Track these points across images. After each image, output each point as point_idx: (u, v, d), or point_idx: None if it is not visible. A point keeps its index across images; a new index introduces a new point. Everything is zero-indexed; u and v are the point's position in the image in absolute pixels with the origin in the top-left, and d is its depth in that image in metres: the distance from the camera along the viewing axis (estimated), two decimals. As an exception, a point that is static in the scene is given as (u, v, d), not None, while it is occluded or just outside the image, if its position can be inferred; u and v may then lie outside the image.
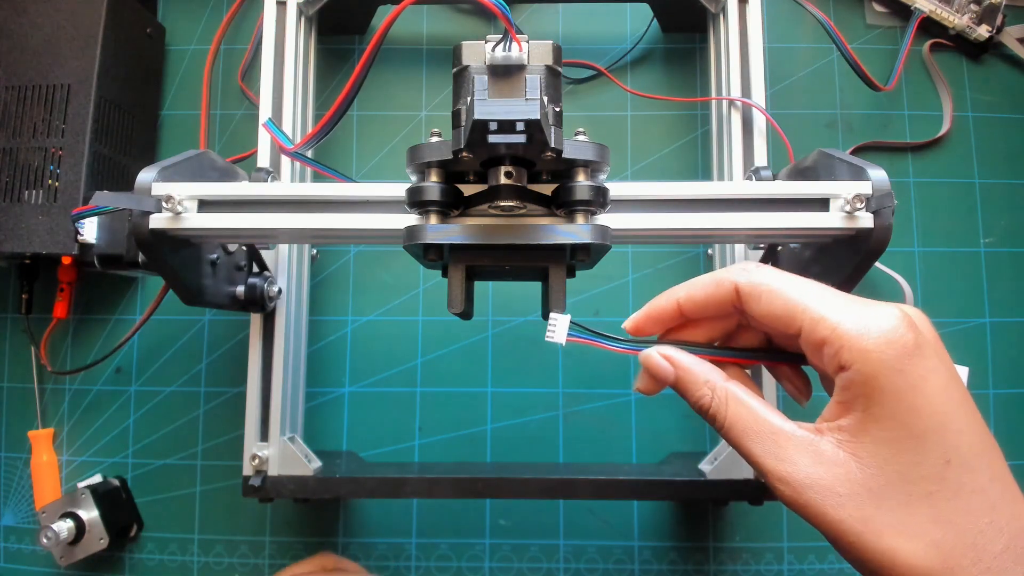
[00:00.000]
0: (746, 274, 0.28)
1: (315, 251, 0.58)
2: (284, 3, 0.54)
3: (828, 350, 0.25)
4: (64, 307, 0.58)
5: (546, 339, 0.31)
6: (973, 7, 0.59)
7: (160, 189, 0.37)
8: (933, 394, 0.25)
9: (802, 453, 0.26)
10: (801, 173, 0.44)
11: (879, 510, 0.24)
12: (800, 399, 0.31)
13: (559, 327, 0.30)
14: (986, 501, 0.24)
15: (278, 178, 0.51)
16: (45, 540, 0.52)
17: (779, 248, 0.47)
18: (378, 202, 0.38)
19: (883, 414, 0.25)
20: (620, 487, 0.49)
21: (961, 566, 0.23)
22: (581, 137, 0.32)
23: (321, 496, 0.49)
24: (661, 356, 0.29)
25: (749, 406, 0.27)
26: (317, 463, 0.51)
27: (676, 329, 0.31)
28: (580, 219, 0.33)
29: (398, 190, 0.37)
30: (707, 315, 0.30)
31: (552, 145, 0.29)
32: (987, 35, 0.60)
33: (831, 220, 0.37)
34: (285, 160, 0.52)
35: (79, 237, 0.51)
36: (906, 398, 0.24)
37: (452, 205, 0.33)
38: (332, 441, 0.58)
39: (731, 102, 0.52)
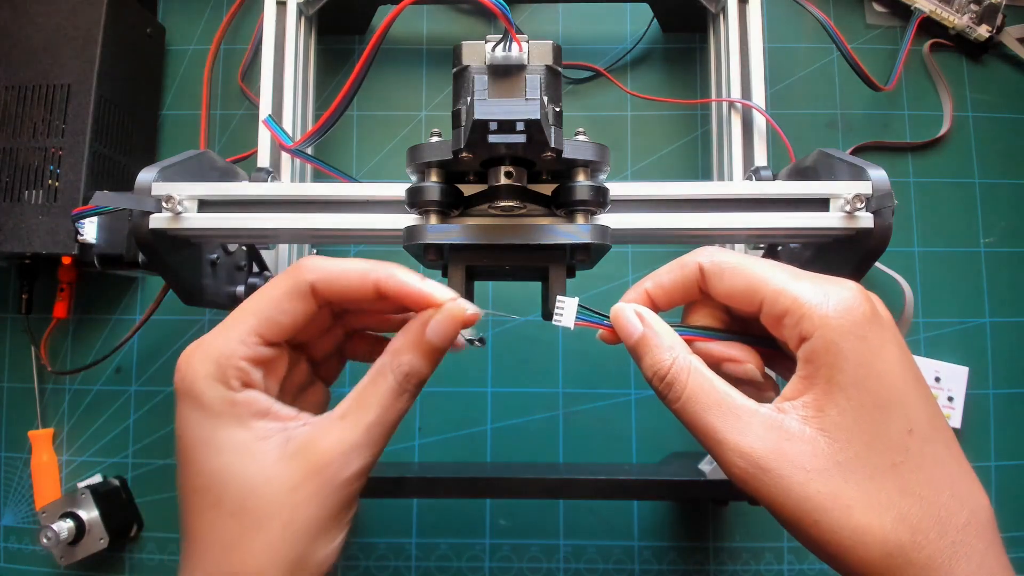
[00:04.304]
0: (709, 255, 0.28)
1: (315, 251, 0.58)
2: (284, 3, 0.54)
3: (789, 320, 0.25)
4: (64, 307, 0.58)
5: (553, 322, 0.30)
6: (973, 7, 0.59)
7: (160, 189, 0.37)
8: (892, 362, 0.25)
9: (767, 429, 0.25)
10: (801, 173, 0.44)
11: (847, 484, 0.24)
12: None
13: (567, 311, 0.30)
14: (947, 474, 0.24)
15: (278, 178, 0.51)
16: (45, 540, 0.52)
17: (779, 248, 0.47)
18: (378, 202, 0.38)
19: (847, 381, 0.24)
20: (620, 487, 0.49)
21: (929, 540, 0.23)
22: (581, 137, 0.32)
23: (321, 496, 0.49)
24: (634, 312, 0.29)
25: (711, 380, 0.27)
26: (317, 463, 0.51)
27: None
28: (580, 219, 0.33)
29: (398, 190, 0.37)
30: (675, 300, 0.30)
31: (552, 145, 0.29)
32: (987, 35, 0.60)
33: (831, 220, 0.37)
34: (285, 160, 0.52)
35: (79, 237, 0.51)
36: (869, 364, 0.24)
37: (452, 205, 0.33)
38: (332, 441, 0.58)
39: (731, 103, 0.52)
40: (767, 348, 0.30)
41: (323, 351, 0.32)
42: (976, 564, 0.23)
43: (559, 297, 0.30)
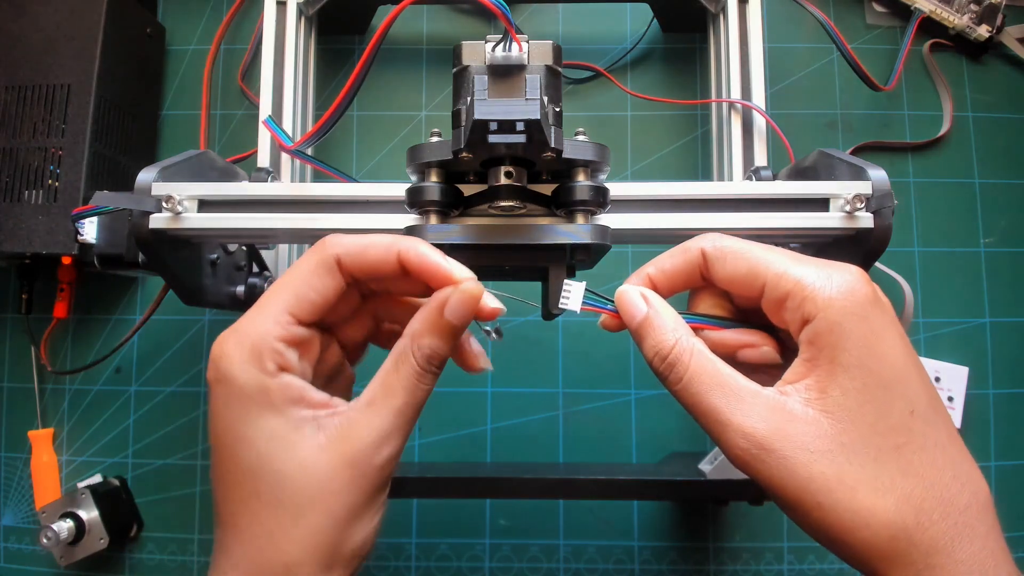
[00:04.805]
0: (711, 240, 0.29)
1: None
2: (284, 3, 0.54)
3: (791, 303, 0.26)
4: (64, 307, 0.58)
5: (560, 306, 0.30)
6: (973, 7, 0.59)
7: (160, 189, 0.37)
8: (894, 344, 0.25)
9: (770, 411, 0.25)
10: (801, 173, 0.44)
11: (851, 465, 0.24)
12: None
13: (573, 295, 0.30)
14: (948, 456, 0.24)
15: (278, 178, 0.51)
16: (45, 540, 0.52)
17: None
18: (378, 202, 0.38)
19: (850, 362, 0.24)
20: (620, 487, 0.49)
21: (932, 521, 0.23)
22: (581, 137, 0.32)
23: (321, 496, 0.49)
24: (639, 294, 0.29)
25: (714, 362, 0.26)
26: (317, 463, 0.51)
27: None
28: (580, 219, 0.33)
29: (398, 190, 0.37)
30: (678, 286, 0.30)
31: (552, 145, 0.29)
32: (987, 35, 0.60)
33: (831, 220, 0.37)
34: (285, 160, 0.52)
35: (79, 237, 0.51)
36: (871, 345, 0.24)
37: (452, 205, 0.33)
38: (332, 441, 0.58)
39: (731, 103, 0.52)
40: (773, 334, 0.29)
41: (353, 339, 0.32)
42: (979, 546, 0.23)
43: (566, 281, 0.30)
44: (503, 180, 0.31)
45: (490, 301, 0.28)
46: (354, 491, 0.26)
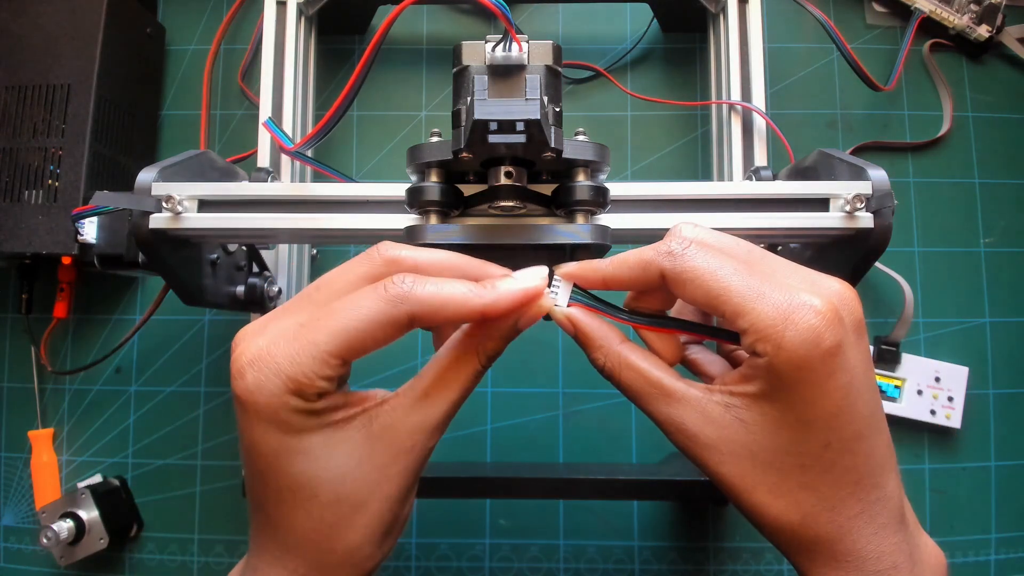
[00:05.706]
0: (671, 259, 0.27)
1: (315, 251, 0.58)
2: (284, 3, 0.54)
3: (745, 340, 0.26)
4: (64, 307, 0.58)
5: (548, 296, 0.30)
6: (973, 7, 0.59)
7: (160, 189, 0.37)
8: (833, 389, 0.25)
9: (691, 411, 0.27)
10: (801, 173, 0.44)
11: (754, 470, 0.27)
12: None
13: (561, 292, 0.30)
14: (854, 477, 0.26)
15: (278, 178, 0.51)
16: (45, 540, 0.53)
17: (779, 248, 0.47)
18: (378, 202, 0.38)
19: (777, 398, 0.26)
20: (620, 487, 0.49)
21: (817, 523, 0.26)
22: (581, 137, 0.32)
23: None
24: (564, 317, 0.30)
25: (639, 369, 0.28)
26: (317, 463, 0.51)
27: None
28: (580, 219, 0.33)
29: (398, 190, 0.37)
30: (634, 289, 0.30)
31: (552, 145, 0.29)
32: (987, 35, 0.60)
33: (831, 220, 0.37)
34: (285, 160, 0.52)
35: (79, 237, 0.51)
36: (803, 392, 0.25)
37: (452, 205, 0.33)
38: (332, 441, 0.58)
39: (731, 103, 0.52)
40: (734, 342, 0.29)
41: None
42: (863, 542, 0.26)
43: (556, 276, 0.30)
44: (503, 180, 0.31)
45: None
46: (408, 475, 0.28)
